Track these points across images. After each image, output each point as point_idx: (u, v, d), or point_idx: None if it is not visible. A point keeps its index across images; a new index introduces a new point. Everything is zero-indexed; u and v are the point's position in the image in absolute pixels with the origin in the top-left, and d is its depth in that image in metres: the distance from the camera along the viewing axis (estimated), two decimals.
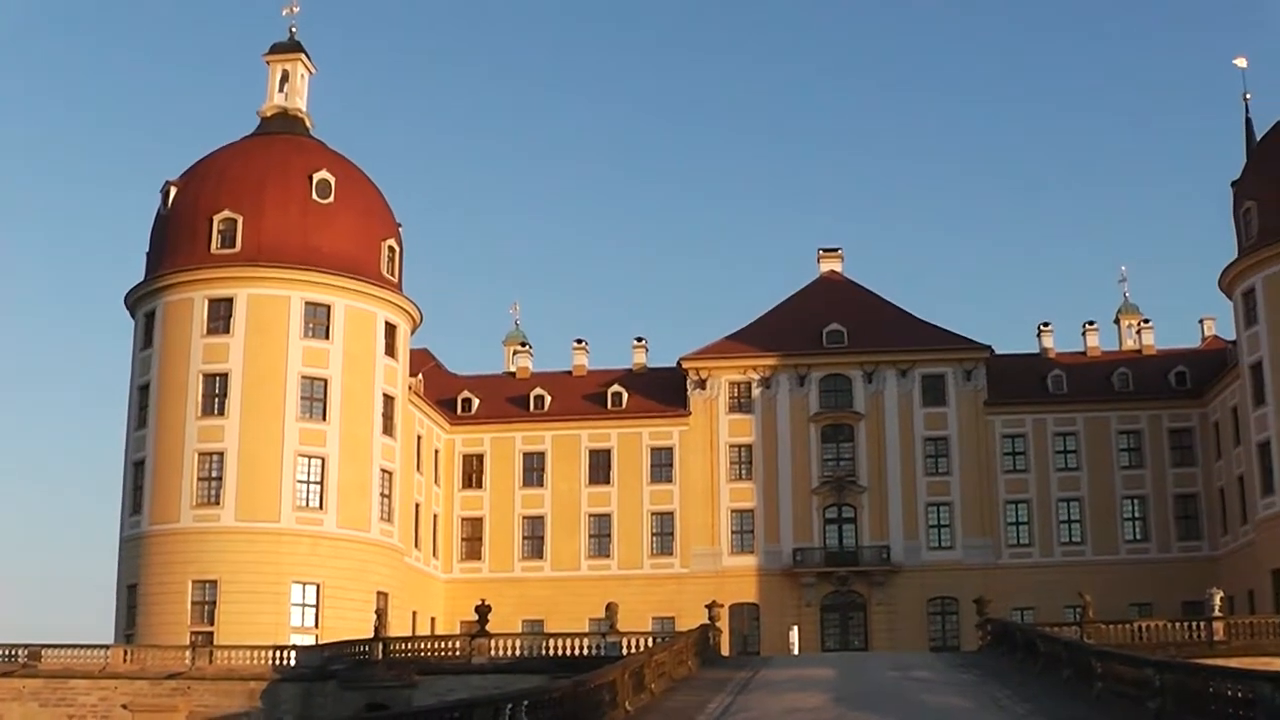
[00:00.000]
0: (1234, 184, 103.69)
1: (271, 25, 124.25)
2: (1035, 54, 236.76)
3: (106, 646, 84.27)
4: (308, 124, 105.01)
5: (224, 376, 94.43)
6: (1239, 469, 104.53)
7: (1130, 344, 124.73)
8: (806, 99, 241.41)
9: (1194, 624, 70.82)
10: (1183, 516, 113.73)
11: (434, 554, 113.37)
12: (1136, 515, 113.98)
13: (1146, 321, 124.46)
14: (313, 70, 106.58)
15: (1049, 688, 52.32)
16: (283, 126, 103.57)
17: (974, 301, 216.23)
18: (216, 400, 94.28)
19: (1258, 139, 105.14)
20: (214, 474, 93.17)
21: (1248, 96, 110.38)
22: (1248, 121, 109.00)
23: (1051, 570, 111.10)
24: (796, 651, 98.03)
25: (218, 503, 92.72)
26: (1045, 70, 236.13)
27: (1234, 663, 49.82)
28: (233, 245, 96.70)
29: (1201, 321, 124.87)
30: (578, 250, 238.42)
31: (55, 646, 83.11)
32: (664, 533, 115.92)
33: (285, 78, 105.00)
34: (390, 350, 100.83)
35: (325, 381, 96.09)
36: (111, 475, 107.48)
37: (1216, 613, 70.87)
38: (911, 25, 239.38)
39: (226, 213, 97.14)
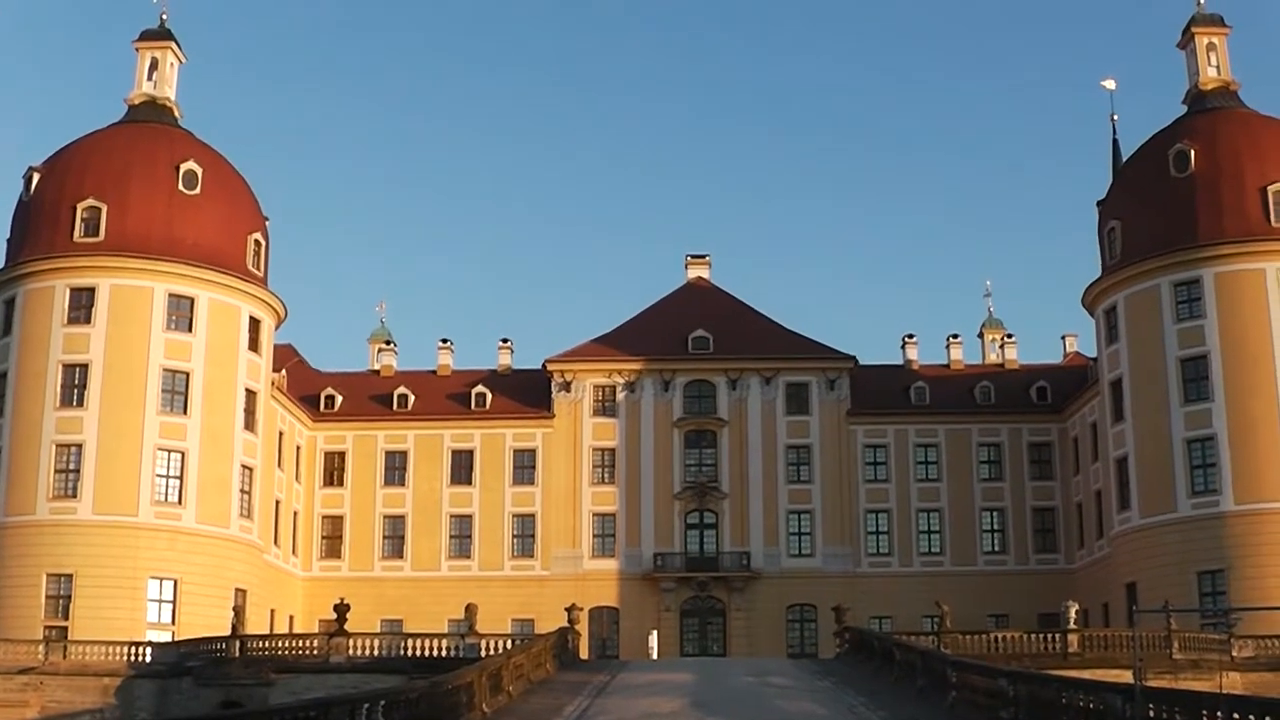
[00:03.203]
0: (1099, 203, 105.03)
1: (142, 12, 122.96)
2: (904, 67, 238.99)
3: None
4: (176, 114, 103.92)
5: (84, 367, 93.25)
6: (1096, 484, 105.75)
7: (993, 358, 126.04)
8: (677, 105, 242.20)
9: (1049, 636, 71.45)
10: (1040, 529, 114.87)
11: (293, 551, 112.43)
12: (995, 527, 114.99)
13: (1009, 336, 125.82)
14: (183, 59, 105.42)
15: (904, 696, 52.73)
16: (151, 115, 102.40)
17: (840, 312, 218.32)
18: (76, 391, 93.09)
19: (1124, 160, 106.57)
20: (72, 466, 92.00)
21: (1115, 118, 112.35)
22: (1114, 142, 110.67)
23: (910, 580, 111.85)
24: (655, 656, 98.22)
25: (75, 495, 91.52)
26: (914, 84, 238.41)
27: (1087, 674, 50.23)
28: (96, 234, 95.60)
29: (1064, 338, 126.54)
30: (444, 250, 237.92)
31: None
32: (525, 535, 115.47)
33: (154, 66, 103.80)
34: (254, 345, 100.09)
35: (187, 375, 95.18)
36: None
37: (1071, 625, 71.55)
38: (778, 35, 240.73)
39: (90, 201, 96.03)
